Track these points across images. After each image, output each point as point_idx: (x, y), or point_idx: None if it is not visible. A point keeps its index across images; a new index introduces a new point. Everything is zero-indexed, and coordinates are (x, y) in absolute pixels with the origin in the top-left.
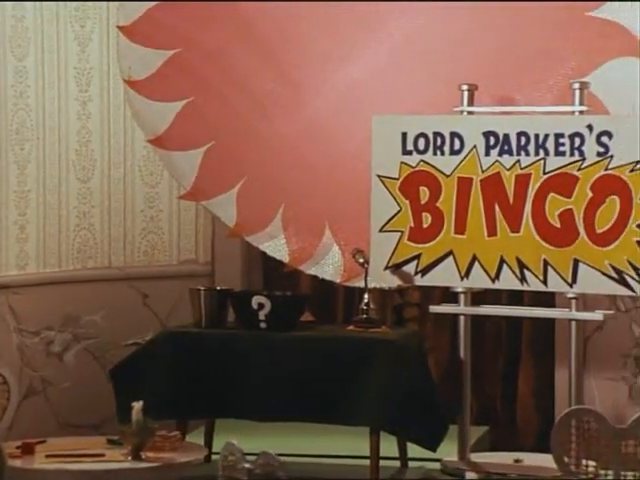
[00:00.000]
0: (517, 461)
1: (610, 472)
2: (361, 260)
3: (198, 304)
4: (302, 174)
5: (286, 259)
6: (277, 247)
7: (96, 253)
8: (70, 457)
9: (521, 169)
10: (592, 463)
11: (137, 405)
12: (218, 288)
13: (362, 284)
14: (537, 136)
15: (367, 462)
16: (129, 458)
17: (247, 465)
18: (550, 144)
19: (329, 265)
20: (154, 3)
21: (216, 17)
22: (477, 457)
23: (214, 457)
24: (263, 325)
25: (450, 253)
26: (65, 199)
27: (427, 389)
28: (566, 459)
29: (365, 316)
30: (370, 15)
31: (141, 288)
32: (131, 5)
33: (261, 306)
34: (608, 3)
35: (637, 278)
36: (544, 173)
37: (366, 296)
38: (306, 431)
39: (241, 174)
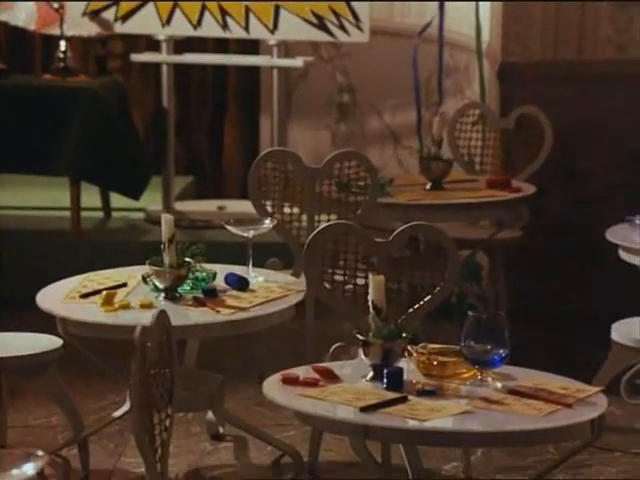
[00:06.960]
0: (220, 208)
1: (305, 215)
2: (56, 5)
3: None
4: None
5: None
6: None
7: None
8: None
9: None
10: (288, 204)
11: None
12: None
13: (58, 32)
14: None
15: (68, 213)
16: None
17: None
18: None
19: (21, 11)
20: None
21: None
22: (182, 205)
23: None
24: None
25: None
26: None
27: (129, 139)
28: (263, 201)
29: (62, 65)
30: None
31: None
32: None
33: None
34: None
35: (337, 24)
36: None
37: (63, 44)
38: (6, 184)
39: None
